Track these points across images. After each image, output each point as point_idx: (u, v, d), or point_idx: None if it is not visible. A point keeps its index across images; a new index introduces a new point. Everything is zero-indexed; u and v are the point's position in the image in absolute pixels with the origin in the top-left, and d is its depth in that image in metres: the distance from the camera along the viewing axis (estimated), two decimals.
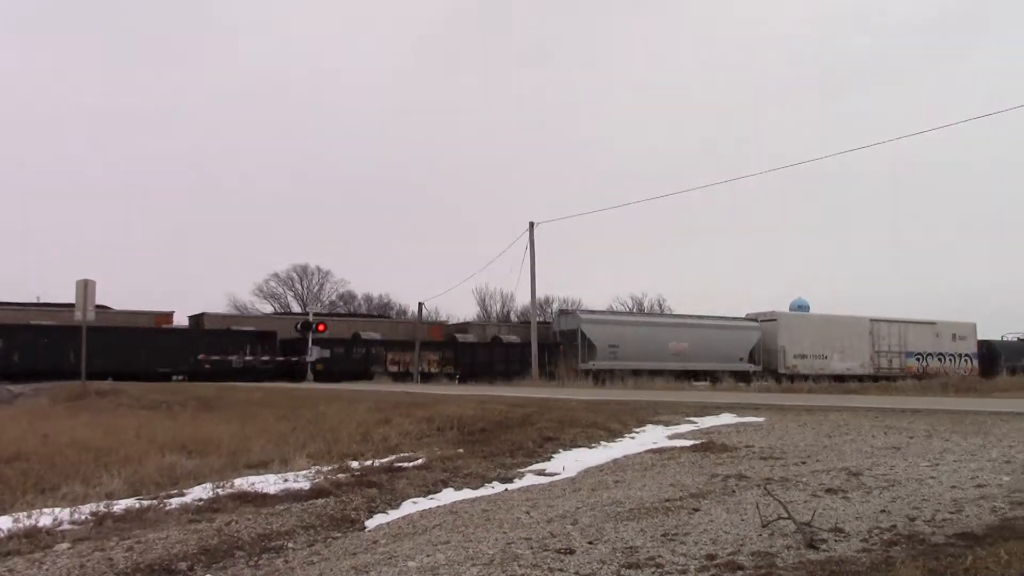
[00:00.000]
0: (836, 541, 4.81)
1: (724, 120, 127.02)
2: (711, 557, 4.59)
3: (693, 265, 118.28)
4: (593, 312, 53.46)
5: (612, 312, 64.18)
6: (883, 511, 5.50)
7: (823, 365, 51.94)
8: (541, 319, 53.74)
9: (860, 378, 49.70)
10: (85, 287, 26.70)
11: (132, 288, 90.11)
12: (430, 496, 7.36)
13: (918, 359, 55.63)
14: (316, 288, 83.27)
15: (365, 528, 6.41)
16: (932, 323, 57.42)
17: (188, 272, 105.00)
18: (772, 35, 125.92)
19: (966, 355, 57.58)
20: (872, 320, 55.26)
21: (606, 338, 49.09)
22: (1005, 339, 62.93)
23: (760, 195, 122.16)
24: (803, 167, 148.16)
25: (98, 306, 29.66)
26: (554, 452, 9.32)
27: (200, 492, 7.73)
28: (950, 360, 56.54)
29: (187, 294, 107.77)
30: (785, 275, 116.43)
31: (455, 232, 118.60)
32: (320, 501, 7.23)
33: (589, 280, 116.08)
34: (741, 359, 51.93)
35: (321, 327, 45.55)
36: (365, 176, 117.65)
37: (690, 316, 54.47)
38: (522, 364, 45.41)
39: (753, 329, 53.15)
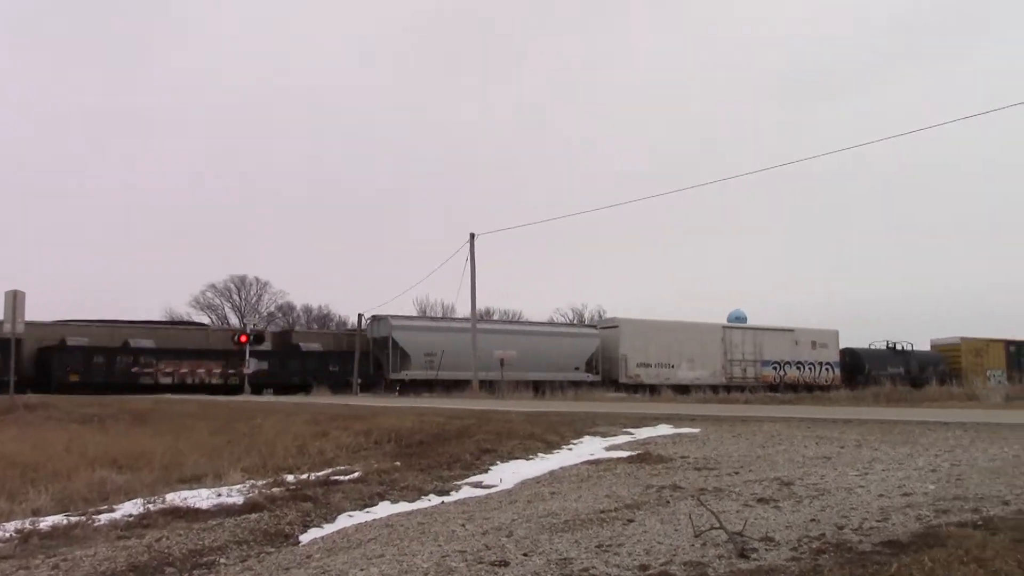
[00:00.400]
0: (766, 550, 4.88)
1: (681, 127, 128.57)
2: (644, 568, 4.63)
3: (640, 274, 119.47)
4: (407, 318, 50.87)
5: (428, 318, 62.34)
6: (813, 520, 5.59)
7: (669, 375, 49.68)
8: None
9: (713, 388, 47.97)
10: (15, 298, 26.10)
11: (63, 297, 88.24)
12: (366, 510, 7.31)
13: (775, 368, 54.22)
14: (254, 299, 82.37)
15: (299, 543, 6.35)
16: (790, 330, 55.99)
17: (120, 283, 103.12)
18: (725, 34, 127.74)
19: (827, 363, 56.25)
20: (725, 327, 54.22)
21: (421, 346, 46.55)
22: (872, 347, 61.08)
23: (725, 201, 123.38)
24: (762, 174, 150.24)
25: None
26: (492, 464, 9.33)
27: (130, 508, 7.61)
28: (809, 369, 55.43)
29: (122, 306, 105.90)
30: (748, 283, 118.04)
31: (397, 243, 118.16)
32: (254, 516, 7.15)
33: (533, 291, 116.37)
34: (577, 368, 49.48)
35: (243, 338, 44.07)
36: (304, 186, 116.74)
37: (521, 322, 52.86)
38: (325, 375, 44.63)
39: (591, 337, 51.36)
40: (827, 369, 55.95)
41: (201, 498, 7.89)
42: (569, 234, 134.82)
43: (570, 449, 10.21)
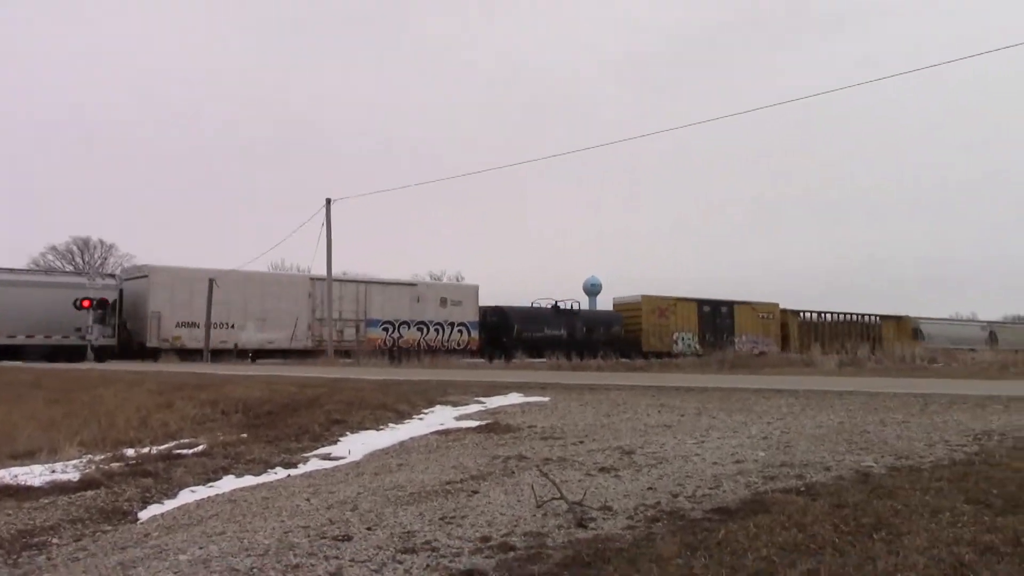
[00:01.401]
0: (604, 519, 5.05)
1: (543, 100, 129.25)
2: (486, 539, 4.72)
3: (503, 243, 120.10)
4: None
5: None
6: (650, 488, 5.80)
7: (229, 336, 40.81)
8: None
9: (290, 352, 41.79)
10: None
11: None
12: (209, 484, 7.18)
13: (386, 329, 45.34)
14: (99, 263, 78.89)
15: (138, 520, 6.19)
16: (412, 284, 47.76)
17: None
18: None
19: (462, 324, 47.71)
20: (313, 279, 44.17)
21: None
22: (536, 305, 51.71)
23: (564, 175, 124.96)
24: (613, 147, 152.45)
25: None
26: (341, 435, 9.28)
27: None
28: (436, 330, 46.66)
29: None
30: (617, 255, 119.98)
31: (255, 206, 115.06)
32: (90, 493, 6.92)
33: (392, 256, 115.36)
34: (79, 329, 37.51)
35: (86, 303, 40.08)
36: (155, 145, 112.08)
37: None
38: None
39: (99, 289, 38.91)
40: (460, 331, 47.68)
41: (33, 475, 7.57)
42: (431, 200, 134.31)
43: (421, 419, 10.25)
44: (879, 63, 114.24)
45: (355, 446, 8.51)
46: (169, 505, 6.55)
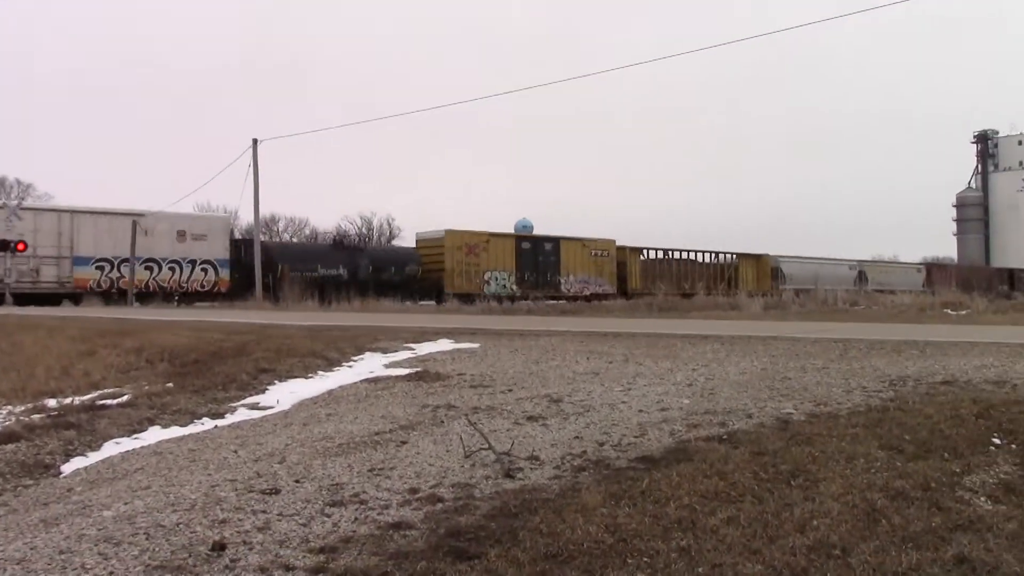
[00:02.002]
0: (531, 469, 5.12)
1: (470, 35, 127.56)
2: (414, 491, 4.76)
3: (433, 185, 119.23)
4: None
5: None
6: (577, 437, 5.89)
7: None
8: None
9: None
10: None
11: None
12: (134, 436, 7.10)
13: (101, 268, 36.93)
14: (15, 203, 76.36)
15: (61, 474, 6.11)
16: (138, 215, 38.08)
17: None
18: None
19: (207, 262, 39.85)
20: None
21: None
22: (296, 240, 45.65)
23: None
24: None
25: None
26: (269, 384, 9.20)
27: None
28: (172, 269, 38.66)
29: None
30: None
31: (183, 146, 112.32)
32: (10, 446, 6.80)
33: (323, 198, 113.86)
34: None
35: (21, 247, 39.78)
36: (77, 80, 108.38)
37: None
38: None
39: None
40: (205, 270, 40.10)
41: None
42: (362, 143, 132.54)
43: (350, 367, 10.19)
44: None
45: (284, 395, 8.46)
46: (93, 458, 6.47)
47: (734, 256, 55.04)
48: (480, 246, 45.24)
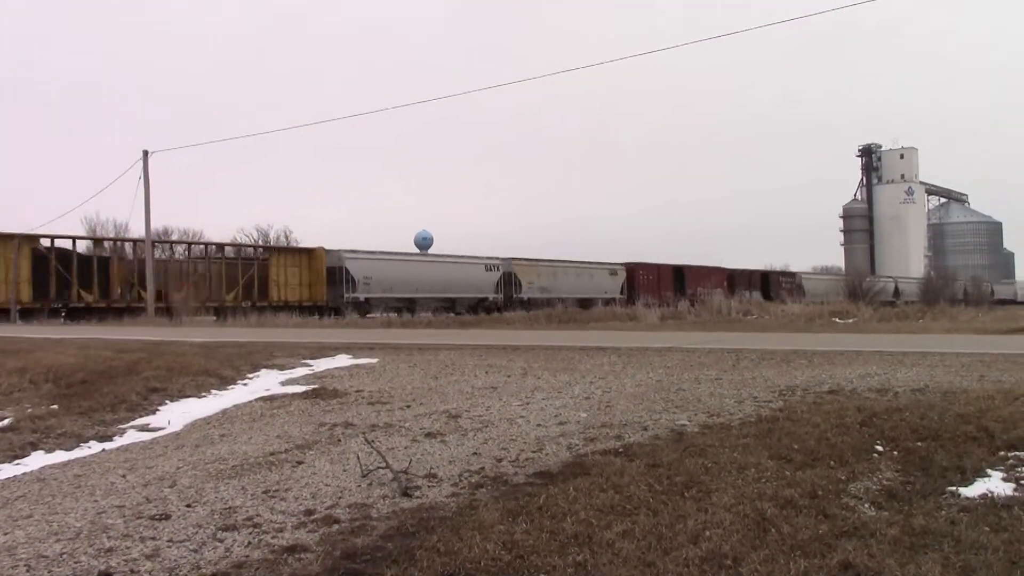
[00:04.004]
0: (429, 487, 5.10)
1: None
2: (309, 512, 4.69)
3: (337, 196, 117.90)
4: None
5: None
6: (475, 454, 5.89)
7: None
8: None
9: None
10: None
11: None
12: (16, 462, 6.80)
13: None
14: None
15: None
16: None
17: None
18: None
19: None
20: None
21: None
22: None
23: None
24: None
25: None
26: (160, 404, 8.95)
27: None
28: None
29: None
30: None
31: (71, 157, 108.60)
32: None
33: (217, 211, 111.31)
34: None
35: None
36: None
37: None
38: None
39: None
40: None
41: None
42: (259, 156, 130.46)
43: (245, 384, 10.00)
44: None
45: (175, 416, 8.24)
46: None
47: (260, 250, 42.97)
48: None
